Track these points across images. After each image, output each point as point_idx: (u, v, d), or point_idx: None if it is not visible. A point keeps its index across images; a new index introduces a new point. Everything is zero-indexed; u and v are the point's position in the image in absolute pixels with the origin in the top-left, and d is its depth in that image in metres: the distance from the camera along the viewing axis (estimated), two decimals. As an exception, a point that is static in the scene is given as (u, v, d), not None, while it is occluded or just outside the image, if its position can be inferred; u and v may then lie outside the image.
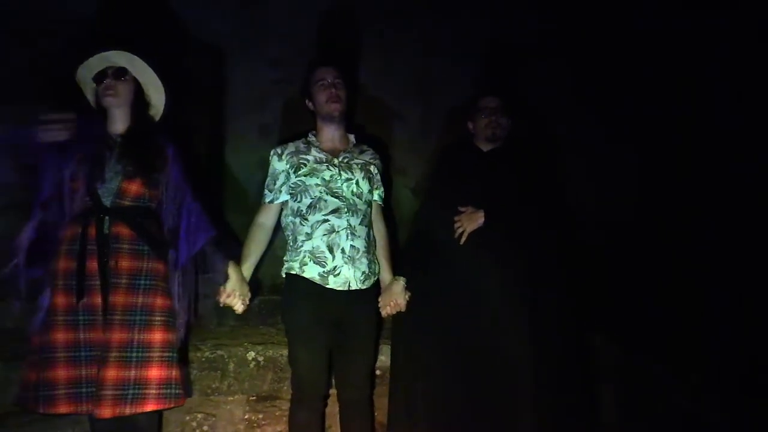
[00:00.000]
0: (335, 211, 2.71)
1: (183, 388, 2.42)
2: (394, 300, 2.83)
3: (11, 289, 2.32)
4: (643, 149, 4.15)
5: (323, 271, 2.67)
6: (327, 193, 2.72)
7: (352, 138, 2.95)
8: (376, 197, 2.93)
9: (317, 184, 2.73)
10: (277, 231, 2.88)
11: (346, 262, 2.68)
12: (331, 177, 2.75)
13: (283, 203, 2.81)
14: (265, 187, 2.84)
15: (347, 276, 2.68)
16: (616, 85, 4.09)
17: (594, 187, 4.08)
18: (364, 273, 2.74)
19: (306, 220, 2.71)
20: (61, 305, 2.29)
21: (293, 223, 2.76)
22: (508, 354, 2.79)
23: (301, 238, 2.71)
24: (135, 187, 2.41)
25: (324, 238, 2.68)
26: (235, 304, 2.63)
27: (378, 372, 3.07)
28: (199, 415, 2.97)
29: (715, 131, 4.10)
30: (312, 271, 2.67)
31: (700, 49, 4.16)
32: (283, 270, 2.78)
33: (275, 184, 2.80)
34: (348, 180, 2.78)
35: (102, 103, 2.50)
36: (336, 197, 2.72)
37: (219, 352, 3.04)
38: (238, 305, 2.64)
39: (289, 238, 2.80)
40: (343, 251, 2.68)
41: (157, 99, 2.61)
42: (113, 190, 2.38)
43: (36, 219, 2.34)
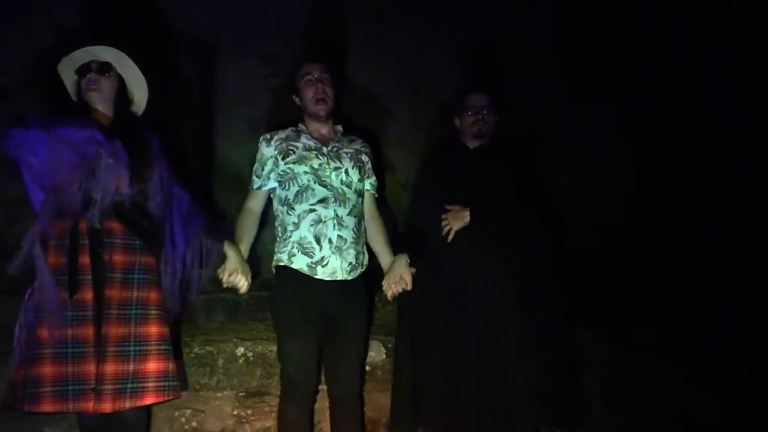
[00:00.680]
0: (322, 200, 2.68)
1: (180, 381, 2.41)
2: (399, 275, 2.78)
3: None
4: (643, 149, 4.14)
5: (311, 262, 2.64)
6: (315, 182, 2.69)
7: (340, 128, 2.93)
8: (368, 186, 2.90)
9: (305, 172, 2.70)
10: (265, 225, 2.87)
11: (333, 252, 2.66)
12: (320, 165, 2.73)
13: (272, 191, 2.79)
14: (253, 172, 2.82)
15: (335, 266, 2.66)
16: (617, 84, 4.09)
17: (593, 187, 4.09)
18: (350, 264, 2.70)
19: (293, 209, 2.69)
20: None
21: (282, 212, 2.74)
22: (498, 347, 2.79)
23: (290, 228, 2.69)
24: (125, 182, 2.38)
25: (311, 229, 2.66)
26: (238, 282, 2.58)
27: (368, 368, 3.05)
28: (187, 411, 2.95)
29: (714, 131, 4.09)
30: (300, 262, 2.65)
31: (700, 49, 4.15)
32: (273, 262, 2.76)
33: (263, 170, 2.78)
34: (337, 169, 2.75)
35: (84, 97, 2.48)
36: (324, 186, 2.70)
37: (208, 348, 3.03)
38: (242, 282, 2.59)
39: (278, 229, 2.78)
40: (330, 241, 2.66)
41: (139, 96, 2.59)
42: (103, 185, 2.34)
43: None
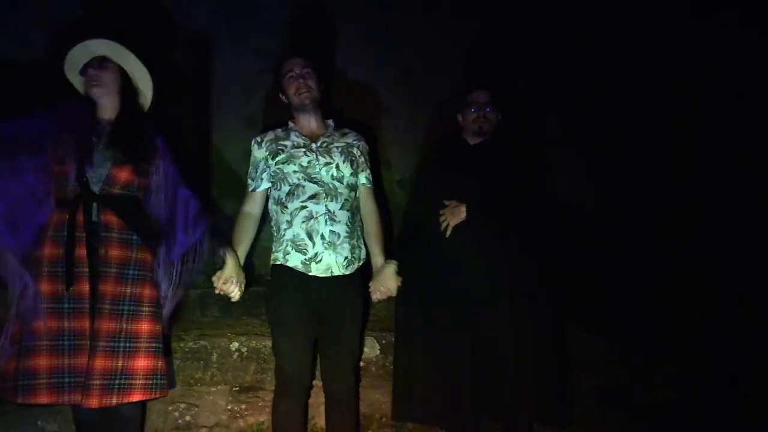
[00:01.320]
0: (313, 197, 2.68)
1: (168, 379, 2.39)
2: (385, 284, 2.79)
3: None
4: (642, 148, 4.13)
5: (305, 259, 2.64)
6: (305, 179, 2.70)
7: (331, 122, 2.93)
8: (362, 180, 2.88)
9: (295, 171, 2.71)
10: (262, 222, 2.86)
11: (326, 248, 2.66)
12: (309, 162, 2.73)
13: (267, 191, 2.80)
14: (248, 176, 2.84)
15: (329, 262, 2.66)
16: (616, 84, 4.08)
17: (592, 186, 4.08)
18: (346, 258, 2.71)
19: (285, 207, 2.70)
20: (45, 292, 2.24)
21: (276, 212, 2.75)
22: (493, 344, 2.79)
23: (283, 226, 2.70)
24: (125, 175, 2.38)
25: (303, 225, 2.66)
26: (231, 291, 2.59)
27: (362, 364, 3.05)
28: (181, 405, 2.96)
29: (714, 131, 4.08)
30: (295, 260, 2.65)
31: (700, 49, 4.14)
32: (271, 262, 2.76)
33: (256, 172, 2.80)
34: (327, 164, 2.75)
35: (89, 94, 2.48)
36: (314, 183, 2.70)
37: (202, 343, 3.03)
38: (235, 292, 2.59)
39: (273, 228, 2.79)
40: (322, 237, 2.66)
41: (144, 85, 2.58)
42: (102, 177, 2.35)
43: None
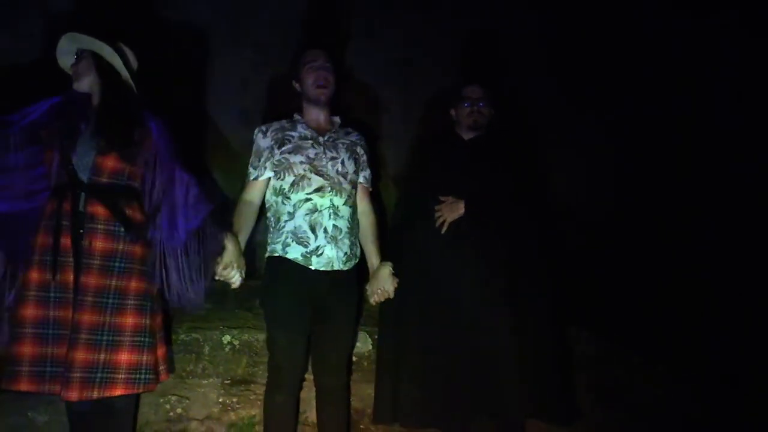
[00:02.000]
0: (318, 189, 2.68)
1: (157, 372, 2.37)
2: (382, 286, 2.79)
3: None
4: (642, 148, 4.12)
5: (306, 252, 2.64)
6: (311, 171, 2.69)
7: (338, 119, 2.93)
8: (362, 179, 2.89)
9: (301, 162, 2.70)
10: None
11: (328, 242, 2.66)
12: (316, 155, 2.73)
13: (267, 181, 2.78)
14: (250, 165, 2.80)
15: (330, 256, 2.66)
16: (616, 84, 4.07)
17: (591, 185, 4.08)
18: (346, 254, 2.71)
19: (288, 199, 2.68)
20: (34, 280, 2.24)
21: (276, 202, 2.73)
22: (489, 342, 2.78)
23: (284, 218, 2.69)
24: (111, 163, 2.34)
25: (306, 218, 2.65)
26: (232, 277, 2.53)
27: (354, 359, 3.04)
28: (173, 398, 2.94)
29: (714, 131, 4.07)
30: (295, 252, 2.64)
31: (700, 49, 4.13)
32: (266, 254, 2.75)
33: (259, 160, 2.76)
34: (333, 159, 2.76)
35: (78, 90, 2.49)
36: (320, 176, 2.69)
37: (194, 335, 3.02)
38: (236, 277, 2.55)
39: (271, 219, 2.77)
40: (325, 231, 2.66)
41: (116, 63, 2.51)
42: (88, 165, 2.32)
43: None
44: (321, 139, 2.78)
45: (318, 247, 2.64)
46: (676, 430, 3.34)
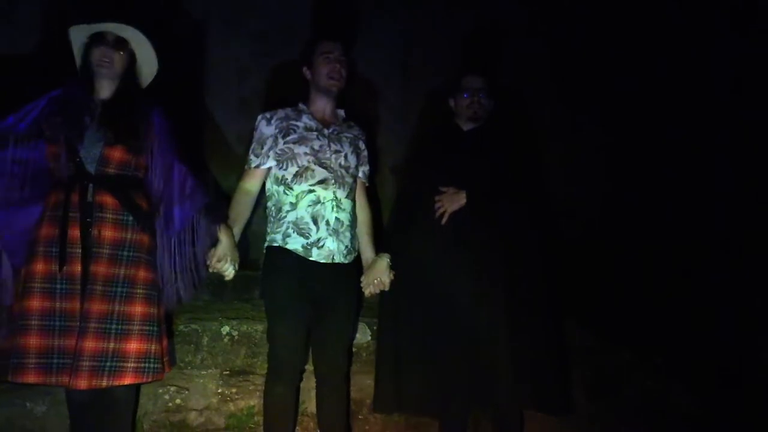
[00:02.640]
0: (322, 181, 2.66)
1: (163, 362, 2.37)
2: (378, 278, 2.78)
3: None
4: (639, 143, 4.14)
5: (307, 243, 2.62)
6: (315, 163, 2.67)
7: (342, 113, 2.92)
8: (360, 174, 2.89)
9: (306, 153, 2.68)
10: (255, 206, 2.83)
11: (330, 234, 2.65)
12: (321, 147, 2.71)
13: (268, 170, 2.75)
14: (251, 152, 2.76)
15: (331, 248, 2.65)
16: (613, 78, 4.08)
17: (584, 180, 4.08)
18: (347, 247, 2.71)
19: (291, 189, 2.66)
20: (39, 272, 2.23)
21: (277, 192, 2.71)
22: (485, 333, 2.78)
23: (286, 208, 2.67)
24: (118, 154, 2.34)
25: (309, 209, 2.64)
26: (225, 269, 2.52)
27: (354, 349, 3.05)
28: (172, 388, 2.94)
29: (714, 126, 4.09)
30: (295, 243, 2.63)
31: (698, 41, 4.15)
32: (265, 244, 2.73)
33: (262, 148, 2.73)
34: (337, 152, 2.74)
35: (93, 68, 2.43)
36: (324, 168, 2.68)
37: (193, 326, 3.02)
38: (229, 270, 2.53)
39: (272, 209, 2.74)
40: (327, 223, 2.64)
41: (147, 73, 2.56)
42: (96, 157, 2.32)
43: None
44: (326, 131, 2.77)
45: (319, 239, 2.63)
46: (670, 422, 3.38)
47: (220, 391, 3.00)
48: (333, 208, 2.67)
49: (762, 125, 3.96)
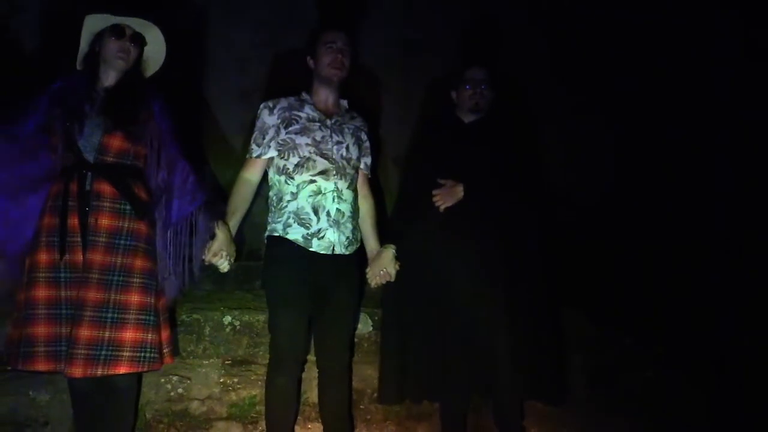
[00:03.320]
0: (323, 172, 2.66)
1: (161, 352, 2.38)
2: (384, 269, 2.80)
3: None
4: (639, 134, 4.14)
5: (307, 233, 2.62)
6: (316, 154, 2.67)
7: (345, 104, 2.90)
8: (362, 166, 2.89)
9: (307, 144, 2.68)
10: (255, 196, 2.82)
11: (330, 225, 2.65)
12: (323, 138, 2.71)
13: (269, 160, 2.75)
14: (252, 141, 2.75)
15: (332, 239, 2.65)
16: (613, 71, 4.07)
17: (586, 171, 4.09)
18: (348, 238, 2.71)
19: (292, 179, 2.66)
20: (43, 262, 2.25)
21: (278, 182, 2.71)
22: (484, 323, 2.80)
23: (287, 198, 2.66)
24: (117, 142, 2.35)
25: (309, 200, 2.64)
26: (221, 264, 2.54)
27: (355, 340, 3.05)
28: (174, 378, 2.95)
29: (714, 122, 4.09)
30: (296, 233, 2.63)
31: (700, 36, 4.14)
32: (266, 233, 2.73)
33: (264, 138, 2.72)
34: (339, 143, 2.74)
35: (104, 58, 2.43)
36: (325, 159, 2.68)
37: (195, 316, 3.03)
38: (224, 264, 2.54)
39: (273, 199, 2.74)
40: (328, 214, 2.64)
41: (151, 67, 2.57)
42: (95, 146, 2.32)
43: None
44: (328, 122, 2.76)
45: (320, 229, 2.64)
46: (669, 412, 3.39)
47: (222, 380, 3.02)
48: (334, 199, 2.67)
49: (762, 125, 3.95)
